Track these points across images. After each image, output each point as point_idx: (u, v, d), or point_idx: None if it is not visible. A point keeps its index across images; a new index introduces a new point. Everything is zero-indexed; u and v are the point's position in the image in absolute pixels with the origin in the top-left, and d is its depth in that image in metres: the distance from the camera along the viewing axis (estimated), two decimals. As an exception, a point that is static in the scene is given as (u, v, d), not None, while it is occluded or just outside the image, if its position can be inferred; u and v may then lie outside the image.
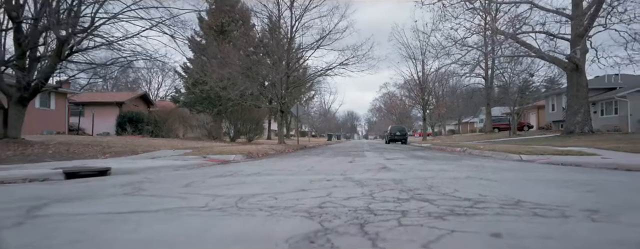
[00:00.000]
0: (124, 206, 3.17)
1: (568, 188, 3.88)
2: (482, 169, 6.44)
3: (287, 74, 22.56)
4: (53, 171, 6.84)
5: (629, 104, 25.99)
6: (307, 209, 2.79)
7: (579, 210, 2.59)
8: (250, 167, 7.91)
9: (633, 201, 3.20)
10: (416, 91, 42.05)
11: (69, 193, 4.02)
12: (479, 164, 7.87)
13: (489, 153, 12.96)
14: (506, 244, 1.83)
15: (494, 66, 34.69)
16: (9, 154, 9.99)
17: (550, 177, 5.14)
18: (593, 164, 8.02)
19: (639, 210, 2.77)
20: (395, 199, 3.17)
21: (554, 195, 3.38)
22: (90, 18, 10.95)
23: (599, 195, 3.37)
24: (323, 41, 22.71)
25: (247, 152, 13.35)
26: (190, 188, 4.32)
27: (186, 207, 2.99)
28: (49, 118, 22.01)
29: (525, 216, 2.43)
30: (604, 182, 4.53)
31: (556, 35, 22.42)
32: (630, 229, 2.13)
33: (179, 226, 2.37)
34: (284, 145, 21.48)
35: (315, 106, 65.63)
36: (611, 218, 2.36)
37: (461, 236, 1.98)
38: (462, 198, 3.22)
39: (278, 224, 2.32)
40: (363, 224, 2.28)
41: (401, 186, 4.12)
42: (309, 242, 1.91)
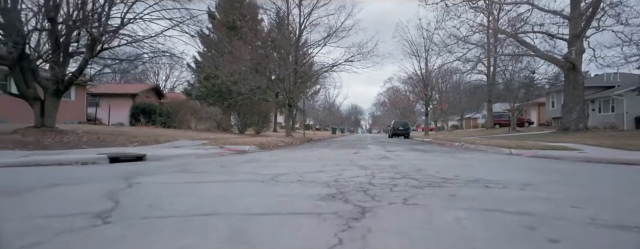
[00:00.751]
0: (188, 178, 4.26)
1: (525, 172, 4.94)
2: (468, 160, 7.50)
3: (295, 70, 23.59)
4: (98, 156, 7.97)
5: (625, 102, 26.83)
6: (325, 182, 3.88)
7: (517, 184, 3.67)
8: (267, 156, 9.00)
9: (561, 179, 4.25)
10: (420, 86, 42.94)
11: (137, 171, 5.12)
12: (469, 157, 8.92)
13: (483, 148, 13.95)
14: (455, 198, 2.91)
15: (496, 64, 35.49)
16: (50, 142, 11.14)
17: (521, 166, 6.20)
18: (569, 157, 9.04)
19: (558, 184, 3.83)
20: (390, 178, 4.25)
21: (511, 176, 4.45)
22: (120, 18, 12.03)
23: (543, 176, 4.44)
24: (330, 39, 23.71)
25: (259, 143, 14.45)
26: (228, 169, 5.41)
27: (237, 180, 4.09)
28: (69, 108, 23.22)
29: (478, 187, 3.51)
30: (558, 169, 5.59)
31: (554, 36, 23.28)
32: (542, 193, 3.19)
33: (240, 189, 3.46)
34: (292, 137, 22.58)
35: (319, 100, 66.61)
36: (535, 188, 3.43)
37: (429, 196, 3.06)
38: (440, 177, 4.30)
39: (308, 189, 3.41)
40: (366, 190, 3.36)
41: (396, 170, 5.19)
42: (331, 197, 3.00)
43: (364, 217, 2.27)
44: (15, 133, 11.79)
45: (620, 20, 19.70)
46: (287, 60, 23.47)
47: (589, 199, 2.95)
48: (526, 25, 24.58)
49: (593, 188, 3.76)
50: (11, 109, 18.50)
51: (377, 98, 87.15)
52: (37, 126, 12.53)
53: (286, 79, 23.28)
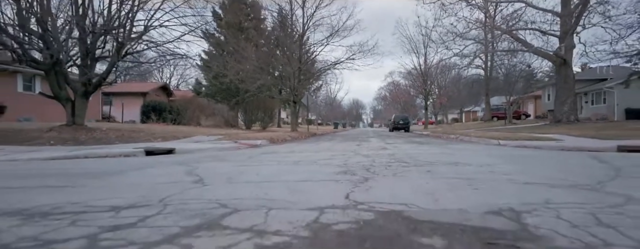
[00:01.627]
0: (233, 164, 5.52)
1: (493, 158, 6.19)
2: (455, 150, 8.75)
3: (300, 68, 24.80)
4: (135, 150, 9.25)
5: (616, 95, 27.97)
6: (337, 164, 5.15)
7: (480, 165, 4.93)
8: (281, 149, 10.26)
9: (516, 162, 5.50)
10: (419, 81, 44.09)
11: (183, 160, 6.39)
12: (457, 147, 10.16)
13: (475, 139, 15.17)
14: (430, 172, 4.18)
15: (493, 58, 36.58)
16: (85, 138, 12.43)
17: (495, 153, 7.44)
18: (548, 146, 10.25)
19: (510, 164, 5.09)
20: (386, 162, 5.51)
21: (480, 160, 5.70)
22: (144, 26, 13.25)
23: (504, 160, 5.70)
24: (332, 38, 24.89)
25: (269, 138, 15.72)
26: (254, 159, 6.67)
27: (270, 164, 5.35)
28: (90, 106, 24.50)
29: (449, 166, 4.77)
30: (524, 155, 6.84)
31: (546, 32, 24.39)
32: (492, 169, 4.43)
33: (278, 169, 4.72)
34: (297, 132, 23.85)
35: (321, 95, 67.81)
36: (491, 167, 4.69)
37: (412, 172, 4.33)
38: (425, 161, 5.56)
39: (325, 169, 4.68)
40: (367, 168, 4.63)
41: (392, 157, 6.45)
42: (343, 173, 4.27)
43: (366, 182, 3.54)
44: (51, 131, 13.07)
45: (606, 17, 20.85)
46: (292, 58, 24.68)
47: (521, 172, 4.20)
48: (520, 22, 25.74)
49: (532, 166, 5.01)
50: (34, 108, 19.81)
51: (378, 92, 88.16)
52: (69, 124, 13.81)
53: (291, 77, 24.52)
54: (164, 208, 2.43)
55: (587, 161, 5.49)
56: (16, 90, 19.05)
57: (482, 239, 1.74)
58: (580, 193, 2.84)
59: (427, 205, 2.47)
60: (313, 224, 2.01)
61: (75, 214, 2.25)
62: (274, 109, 32.48)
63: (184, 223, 2.03)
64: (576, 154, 7.33)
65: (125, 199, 2.69)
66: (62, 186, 3.53)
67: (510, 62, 33.77)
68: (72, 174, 4.48)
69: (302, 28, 25.96)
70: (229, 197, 2.74)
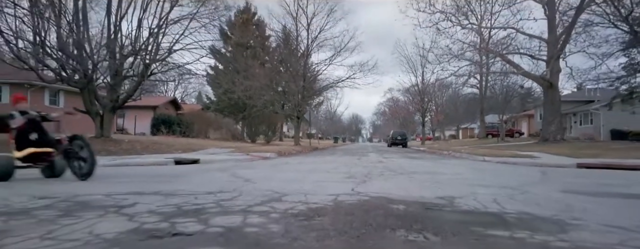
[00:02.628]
0: (263, 171, 7.04)
1: (467, 170, 7.72)
2: (442, 163, 10.27)
3: (304, 86, 26.50)
4: (165, 160, 10.77)
5: (602, 116, 29.59)
6: (342, 172, 6.68)
7: (453, 174, 6.47)
8: (290, 160, 11.78)
9: (482, 173, 7.01)
10: (417, 99, 45.82)
11: (217, 168, 7.89)
12: (444, 161, 11.69)
13: (465, 155, 16.65)
14: (411, 177, 5.72)
15: (487, 79, 38.35)
16: (114, 149, 13.95)
17: (473, 166, 8.97)
18: (522, 162, 11.72)
19: (476, 174, 6.61)
20: (380, 171, 7.04)
21: (454, 171, 7.22)
22: (168, 50, 14.94)
23: (474, 172, 7.23)
24: (335, 58, 26.69)
25: (277, 151, 17.24)
26: (276, 168, 8.18)
27: (287, 172, 6.88)
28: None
29: (429, 174, 6.30)
30: (493, 169, 8.37)
31: (534, 56, 26.22)
32: (460, 177, 5.93)
33: (300, 175, 6.24)
34: (300, 146, 25.37)
35: (322, 110, 69.49)
36: (460, 175, 6.22)
37: (398, 177, 5.86)
38: (411, 171, 7.09)
39: (334, 174, 6.21)
40: (366, 174, 6.17)
41: (386, 168, 7.97)
42: (348, 177, 5.80)
43: (364, 182, 5.07)
44: (83, 142, 14.59)
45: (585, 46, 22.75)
46: (297, 76, 26.41)
47: (478, 179, 5.74)
48: (511, 46, 27.61)
49: (490, 175, 6.53)
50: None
51: (378, 108, 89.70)
52: (97, 136, 15.34)
53: (295, 94, 26.19)
54: (240, 193, 3.95)
55: (533, 173, 7.03)
56: (43, 104, 20.63)
57: (424, 206, 3.26)
58: (502, 190, 4.37)
59: (401, 194, 4.00)
60: (333, 200, 3.54)
61: (190, 195, 3.78)
62: (277, 124, 34.09)
63: (259, 200, 3.54)
64: (535, 168, 8.87)
65: (212, 189, 4.22)
66: (158, 182, 5.06)
67: (503, 83, 35.54)
68: (152, 176, 6.02)
69: (306, 48, 27.79)
70: (277, 189, 4.26)
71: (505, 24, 27.92)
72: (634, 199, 4.07)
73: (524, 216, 2.84)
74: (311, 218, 2.72)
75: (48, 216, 2.72)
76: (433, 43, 33.45)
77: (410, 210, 3.07)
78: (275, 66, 30.18)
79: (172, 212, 2.90)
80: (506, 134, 40.20)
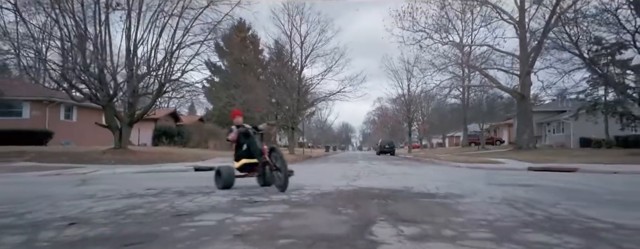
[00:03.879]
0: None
1: (436, 172, 9.87)
2: (419, 168, 12.43)
3: (298, 100, 28.67)
4: (185, 167, 12.76)
5: (572, 125, 32.23)
6: (339, 174, 8.79)
7: (420, 174, 8.62)
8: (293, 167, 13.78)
9: (443, 175, 9.13)
10: (404, 110, 48.29)
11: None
12: (424, 167, 13.88)
13: (444, 162, 18.80)
14: (388, 177, 7.86)
15: (468, 91, 40.97)
16: (134, 159, 15.79)
17: (444, 170, 11.12)
18: (488, 167, 13.90)
19: (438, 174, 8.75)
20: (367, 173, 9.15)
21: (425, 173, 9.36)
22: (181, 71, 16.98)
23: (440, 173, 9.39)
24: (326, 73, 28.98)
25: (277, 159, 19.22)
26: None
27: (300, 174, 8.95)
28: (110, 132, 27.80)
29: (403, 175, 8.46)
30: (458, 171, 10.54)
31: (508, 71, 28.84)
32: (424, 176, 8.04)
33: (304, 176, 8.31)
34: (295, 155, 27.38)
35: (313, 120, 71.66)
36: (426, 176, 8.37)
37: (380, 177, 7.99)
38: (391, 173, 9.23)
39: (333, 175, 8.33)
40: (356, 175, 8.30)
41: (372, 171, 10.08)
42: (343, 176, 7.92)
43: (356, 180, 7.17)
44: (106, 153, 16.42)
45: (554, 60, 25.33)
46: (292, 90, 28.61)
47: (439, 178, 7.86)
48: (489, 61, 30.23)
49: (448, 176, 8.65)
50: (72, 133, 23.09)
51: (367, 117, 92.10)
52: (116, 148, 17.18)
53: (290, 107, 28.33)
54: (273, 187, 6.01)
55: (480, 174, 9.22)
56: (59, 118, 22.38)
57: (392, 190, 5.36)
58: (445, 183, 6.49)
59: (379, 186, 6.10)
60: (336, 189, 5.62)
61: (247, 188, 5.83)
62: (272, 134, 36.11)
63: (290, 189, 5.58)
64: (490, 171, 11.06)
65: (255, 193, 6.27)
66: (201, 188, 7.08)
67: (483, 95, 38.17)
68: (200, 179, 8.02)
69: (300, 64, 30.06)
70: (297, 184, 6.29)
71: (483, 42, 30.58)
72: (524, 186, 6.15)
73: (446, 194, 4.95)
74: (325, 195, 4.80)
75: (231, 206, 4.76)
76: (417, 58, 35.89)
77: (383, 192, 5.17)
78: (269, 78, 32.34)
79: (245, 194, 4.96)
80: (488, 142, 42.76)
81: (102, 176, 9.58)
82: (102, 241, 2.47)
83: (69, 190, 5.82)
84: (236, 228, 2.82)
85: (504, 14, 27.53)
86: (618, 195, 5.11)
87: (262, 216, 3.34)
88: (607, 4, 16.44)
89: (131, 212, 3.57)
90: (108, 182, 7.45)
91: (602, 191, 5.45)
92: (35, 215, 3.44)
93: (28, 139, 19.00)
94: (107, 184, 6.86)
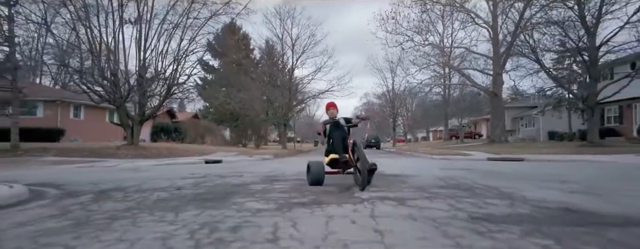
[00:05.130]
0: (282, 163, 11.25)
1: (409, 162, 12.16)
2: (396, 159, 14.72)
3: (290, 98, 30.83)
4: (196, 160, 14.83)
5: (541, 120, 35.02)
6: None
7: (394, 164, 10.91)
8: (287, 159, 15.95)
9: (413, 163, 11.42)
10: (389, 106, 50.74)
11: (255, 162, 12.04)
12: (402, 158, 16.17)
13: (422, 155, 21.17)
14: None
15: (449, 88, 43.56)
16: (146, 154, 17.73)
17: (414, 161, 13.42)
18: (457, 158, 16.28)
19: (411, 164, 11.03)
20: (353, 163, 11.39)
21: (399, 163, 11.63)
22: (188, 75, 18.94)
23: (412, 163, 11.69)
24: (316, 74, 31.17)
25: (273, 154, 21.39)
26: (283, 163, 12.37)
27: (293, 165, 11.17)
28: (113, 128, 29.50)
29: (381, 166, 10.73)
30: (426, 161, 12.85)
31: (483, 71, 31.36)
32: (394, 164, 10.30)
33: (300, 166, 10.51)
34: (287, 150, 29.55)
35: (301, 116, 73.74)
36: (396, 163, 10.65)
37: (363, 166, 10.25)
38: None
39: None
40: (344, 165, 10.53)
41: (357, 162, 12.31)
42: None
43: (343, 168, 9.39)
44: (120, 149, 18.33)
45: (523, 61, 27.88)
46: (284, 90, 30.75)
47: (408, 166, 10.12)
48: (466, 61, 32.78)
49: (414, 164, 10.94)
50: (79, 130, 24.85)
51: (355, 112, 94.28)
52: (129, 144, 19.11)
53: (283, 105, 30.48)
54: (283, 172, 8.18)
55: (443, 163, 11.54)
56: (69, 117, 24.11)
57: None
58: (409, 169, 8.73)
59: (361, 170, 8.32)
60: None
61: (262, 172, 8.01)
62: (266, 131, 38.24)
63: (296, 172, 7.76)
64: (454, 161, 13.42)
65: (266, 170, 8.43)
66: (238, 170, 9.21)
67: (462, 92, 40.80)
68: (219, 168, 10.15)
69: (292, 65, 32.17)
70: (301, 171, 8.49)
71: (461, 44, 33.08)
72: (464, 170, 8.41)
73: (406, 174, 7.19)
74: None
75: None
76: (400, 59, 38.29)
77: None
78: (260, 76, 34.38)
79: (267, 175, 7.14)
80: (467, 136, 45.54)
81: (134, 167, 11.61)
82: (207, 194, 4.63)
83: (133, 175, 7.90)
84: (277, 188, 5.02)
85: (479, 18, 30.04)
86: (520, 174, 7.43)
87: (287, 185, 5.54)
88: (556, 16, 18.95)
89: (204, 185, 5.72)
90: (151, 171, 9.50)
91: (513, 172, 7.78)
92: (149, 186, 5.56)
93: (43, 136, 20.78)
94: (152, 173, 8.91)
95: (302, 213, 3.25)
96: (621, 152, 15.62)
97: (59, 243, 2.31)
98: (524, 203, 3.72)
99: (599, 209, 3.32)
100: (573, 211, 3.29)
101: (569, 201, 3.79)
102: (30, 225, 2.90)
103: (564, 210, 3.32)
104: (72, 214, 3.36)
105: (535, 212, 3.22)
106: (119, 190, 5.17)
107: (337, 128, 5.74)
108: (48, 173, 8.95)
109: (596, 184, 5.59)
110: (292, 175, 7.31)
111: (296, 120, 53.02)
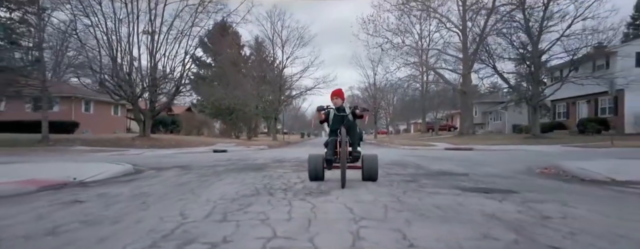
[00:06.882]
0: (282, 152, 14.35)
1: (381, 152, 15.41)
2: (373, 150, 17.89)
3: (280, 95, 33.82)
4: (204, 150, 17.83)
5: (507, 115, 38.91)
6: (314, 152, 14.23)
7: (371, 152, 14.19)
8: (286, 149, 19.02)
9: (382, 153, 14.65)
10: (371, 100, 54.10)
11: (256, 152, 15.10)
12: (377, 149, 19.36)
13: (395, 146, 24.52)
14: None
15: (426, 85, 47.08)
16: (158, 144, 20.55)
17: (385, 150, 16.66)
18: (421, 148, 19.63)
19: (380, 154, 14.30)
20: (335, 152, 14.59)
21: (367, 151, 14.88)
22: (188, 76, 21.73)
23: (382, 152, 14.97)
24: (304, 72, 34.23)
25: (267, 145, 24.45)
26: (281, 152, 15.47)
27: (291, 153, 14.31)
28: (117, 121, 32.08)
29: (356, 152, 13.97)
30: (394, 150, 16.14)
31: (454, 71, 34.86)
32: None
33: (294, 153, 13.66)
34: (278, 141, 32.61)
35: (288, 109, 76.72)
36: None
37: (343, 153, 13.47)
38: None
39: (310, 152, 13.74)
40: (328, 153, 13.73)
41: (339, 151, 15.52)
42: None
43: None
44: (135, 140, 21.11)
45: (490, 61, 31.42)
46: (275, 87, 33.73)
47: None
48: (440, 61, 36.25)
49: (384, 153, 14.15)
50: (89, 123, 27.43)
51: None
52: (141, 136, 21.89)
53: (274, 101, 33.48)
54: (284, 158, 11.29)
55: (407, 152, 14.80)
56: (81, 111, 26.64)
57: (346, 158, 10.78)
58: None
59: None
60: (318, 158, 11.00)
61: (269, 158, 11.12)
62: (257, 123, 41.15)
63: (294, 158, 10.86)
64: (417, 150, 16.73)
65: (282, 156, 11.54)
66: (247, 157, 12.28)
67: (436, 88, 44.39)
68: (231, 155, 13.21)
69: (282, 63, 35.12)
70: (296, 156, 11.60)
71: (434, 45, 36.49)
72: (417, 157, 11.63)
73: (372, 158, 10.38)
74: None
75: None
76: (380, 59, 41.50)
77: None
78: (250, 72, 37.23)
79: (274, 159, 10.28)
80: (442, 128, 49.28)
81: (159, 155, 14.52)
82: (248, 168, 7.73)
83: (172, 160, 10.89)
84: (287, 165, 8.18)
85: (450, 22, 33.40)
86: (453, 158, 10.70)
87: (292, 163, 8.69)
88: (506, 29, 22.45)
89: (239, 164, 8.80)
90: (179, 158, 12.45)
91: (450, 158, 11.07)
92: (202, 165, 8.58)
93: (60, 128, 23.34)
94: (183, 158, 11.89)
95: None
96: (553, 143, 19.26)
97: (197, 184, 5.39)
98: (425, 170, 6.97)
99: (451, 170, 6.60)
100: (442, 172, 6.54)
101: (448, 169, 7.06)
102: (167, 181, 5.95)
103: (438, 172, 6.58)
104: (185, 177, 6.42)
105: (424, 173, 6.45)
106: (186, 167, 8.21)
107: (342, 120, 5.32)
108: (103, 159, 11.86)
109: (484, 162, 8.91)
110: (292, 159, 10.45)
111: (284, 113, 56.14)
